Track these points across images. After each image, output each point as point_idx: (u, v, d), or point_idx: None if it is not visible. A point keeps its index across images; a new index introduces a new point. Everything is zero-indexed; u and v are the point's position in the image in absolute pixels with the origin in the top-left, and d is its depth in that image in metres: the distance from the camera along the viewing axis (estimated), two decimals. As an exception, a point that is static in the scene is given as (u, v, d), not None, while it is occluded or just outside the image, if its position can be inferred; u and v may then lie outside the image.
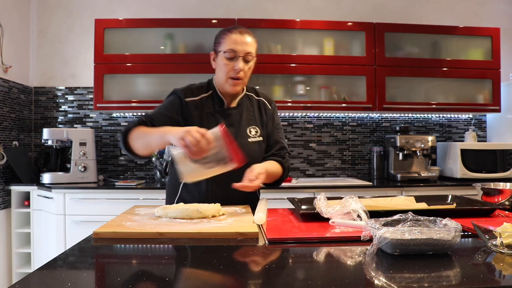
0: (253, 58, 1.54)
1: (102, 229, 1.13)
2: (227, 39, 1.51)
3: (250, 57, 1.52)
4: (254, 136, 1.59)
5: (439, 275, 0.80)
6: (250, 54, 1.52)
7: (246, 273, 0.85)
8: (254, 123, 1.62)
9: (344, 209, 1.21)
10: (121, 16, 3.29)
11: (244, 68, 1.52)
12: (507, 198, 1.54)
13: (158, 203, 2.56)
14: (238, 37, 1.50)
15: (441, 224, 0.97)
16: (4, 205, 2.90)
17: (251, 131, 1.60)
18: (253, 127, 1.61)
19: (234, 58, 1.50)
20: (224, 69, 1.52)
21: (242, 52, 1.50)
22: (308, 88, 3.18)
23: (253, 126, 1.61)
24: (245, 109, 1.62)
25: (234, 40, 1.50)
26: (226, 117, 1.57)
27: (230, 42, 1.50)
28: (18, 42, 3.18)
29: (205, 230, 1.13)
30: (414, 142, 3.10)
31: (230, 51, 1.50)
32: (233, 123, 1.57)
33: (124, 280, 0.79)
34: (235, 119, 1.58)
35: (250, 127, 1.61)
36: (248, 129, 1.60)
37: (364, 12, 3.48)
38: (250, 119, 1.61)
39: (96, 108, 3.04)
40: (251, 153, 1.54)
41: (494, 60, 3.24)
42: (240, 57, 1.50)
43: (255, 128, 1.61)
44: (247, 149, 1.52)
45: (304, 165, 3.47)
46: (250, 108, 1.63)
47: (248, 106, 1.63)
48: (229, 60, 1.51)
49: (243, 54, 1.50)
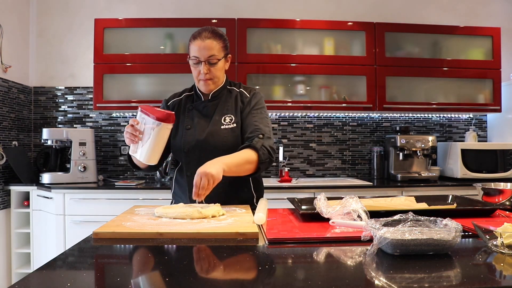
0: (217, 59, 1.61)
1: (102, 229, 1.13)
2: (191, 46, 1.62)
3: (214, 59, 1.61)
4: (228, 124, 1.65)
5: (439, 275, 0.79)
6: (213, 56, 1.60)
7: (246, 273, 0.84)
8: (230, 112, 1.68)
9: (344, 209, 1.20)
10: (120, 16, 3.29)
11: (210, 70, 1.62)
12: (507, 198, 1.54)
13: (158, 203, 2.56)
14: (199, 43, 1.59)
15: (441, 224, 0.97)
16: (3, 205, 2.90)
17: (226, 119, 1.66)
18: (228, 116, 1.66)
19: (199, 63, 1.61)
20: (194, 73, 1.66)
21: (203, 57, 1.59)
22: (308, 88, 3.18)
23: (228, 115, 1.67)
24: (222, 100, 1.70)
25: (196, 47, 1.60)
26: (201, 109, 1.69)
27: (193, 49, 1.61)
28: (18, 42, 3.18)
29: (205, 230, 1.13)
30: (415, 142, 3.10)
31: (194, 58, 1.61)
32: (207, 114, 1.67)
33: (124, 280, 0.79)
34: (210, 110, 1.68)
35: (226, 115, 1.67)
36: (223, 117, 1.66)
37: (364, 11, 3.47)
38: (226, 109, 1.68)
39: (95, 108, 3.04)
40: (222, 139, 1.61)
41: (495, 60, 3.23)
42: (202, 62, 1.60)
43: (230, 116, 1.66)
44: (217, 136, 1.61)
45: (304, 165, 3.47)
46: (228, 100, 1.71)
47: (226, 98, 1.71)
48: (196, 65, 1.63)
49: (204, 59, 1.60)
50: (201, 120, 1.66)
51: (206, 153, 1.57)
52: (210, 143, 1.60)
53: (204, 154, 1.57)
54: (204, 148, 1.61)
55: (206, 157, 1.47)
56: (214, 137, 1.60)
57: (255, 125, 1.61)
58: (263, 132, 1.60)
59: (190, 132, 1.65)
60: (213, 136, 1.61)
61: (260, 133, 1.59)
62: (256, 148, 1.52)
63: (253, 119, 1.63)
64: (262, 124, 1.62)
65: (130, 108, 3.07)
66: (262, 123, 1.63)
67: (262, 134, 1.58)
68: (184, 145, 1.64)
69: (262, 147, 1.53)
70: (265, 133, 1.60)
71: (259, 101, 1.69)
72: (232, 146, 1.59)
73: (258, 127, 1.61)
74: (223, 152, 1.52)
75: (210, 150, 1.58)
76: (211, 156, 1.47)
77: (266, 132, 1.61)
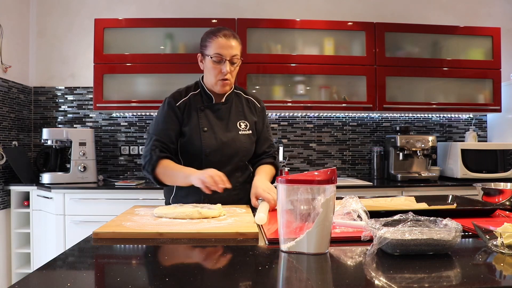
0: (238, 59, 1.62)
1: (102, 229, 1.13)
2: (213, 43, 1.57)
3: (236, 59, 1.60)
4: (244, 129, 1.68)
5: (439, 275, 0.79)
6: (236, 56, 1.60)
7: (246, 273, 0.84)
8: (243, 118, 1.70)
9: (344, 209, 1.20)
10: (120, 16, 3.29)
11: (231, 70, 1.60)
12: (507, 198, 1.53)
13: (158, 203, 2.56)
14: (224, 41, 1.56)
15: (441, 224, 0.97)
16: (3, 205, 2.90)
17: (241, 124, 1.69)
18: (242, 121, 1.70)
19: (221, 61, 1.58)
20: (213, 72, 1.61)
21: (228, 56, 1.57)
22: (308, 88, 3.18)
23: (242, 120, 1.70)
24: (234, 104, 1.71)
25: (220, 45, 1.56)
26: (215, 112, 1.67)
27: (216, 46, 1.56)
28: (18, 42, 3.18)
29: (205, 230, 1.13)
30: (415, 142, 3.10)
31: (217, 55, 1.57)
32: (222, 117, 1.67)
33: (124, 280, 0.79)
34: (225, 113, 1.68)
35: (240, 121, 1.70)
36: (238, 123, 1.69)
37: (365, 11, 3.47)
38: (239, 114, 1.70)
39: (95, 108, 3.04)
40: (242, 144, 1.66)
41: (495, 60, 3.23)
42: (226, 60, 1.57)
43: (244, 122, 1.70)
44: (238, 141, 1.65)
45: (304, 165, 3.47)
46: (238, 104, 1.72)
47: (236, 102, 1.72)
48: (217, 63, 1.58)
49: (229, 58, 1.58)
50: (217, 122, 1.65)
51: (227, 157, 1.63)
52: (232, 147, 1.64)
53: (225, 158, 1.63)
54: (225, 152, 1.63)
55: (227, 161, 1.61)
56: (236, 142, 1.64)
57: (270, 141, 1.79)
58: (276, 148, 1.81)
59: (208, 134, 1.62)
60: (234, 141, 1.64)
61: (275, 150, 1.79)
62: (277, 167, 1.76)
63: (267, 134, 1.78)
64: (271, 137, 1.82)
65: (130, 108, 3.07)
66: (271, 137, 1.82)
67: (276, 150, 1.80)
68: (205, 147, 1.61)
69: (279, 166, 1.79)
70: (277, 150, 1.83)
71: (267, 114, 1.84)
72: (249, 152, 1.70)
73: (272, 144, 1.79)
74: (241, 156, 1.66)
75: (230, 154, 1.64)
76: (231, 159, 1.62)
77: (276, 148, 1.83)
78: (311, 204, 0.92)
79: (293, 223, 0.94)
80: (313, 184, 0.92)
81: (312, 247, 0.92)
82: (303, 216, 0.92)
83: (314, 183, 0.92)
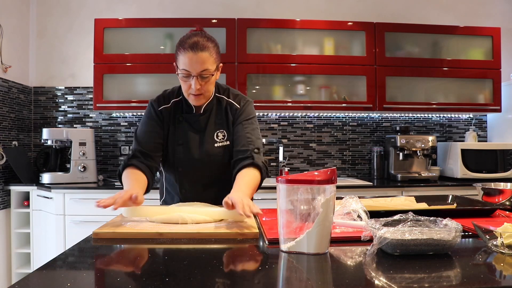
0: (210, 74, 1.47)
1: (101, 229, 1.13)
2: (181, 57, 1.45)
3: (207, 73, 1.46)
4: (222, 141, 1.58)
5: (439, 275, 0.79)
6: (206, 71, 1.46)
7: (246, 273, 0.84)
8: (222, 127, 1.59)
9: (344, 209, 1.20)
10: (120, 16, 3.29)
11: (201, 85, 1.47)
12: (507, 198, 1.53)
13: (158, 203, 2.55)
14: (190, 56, 1.43)
15: (441, 224, 0.96)
16: (3, 205, 2.90)
17: (219, 135, 1.58)
18: (220, 131, 1.58)
19: (189, 77, 1.46)
20: (184, 87, 1.51)
21: (195, 72, 1.44)
22: (308, 88, 3.18)
23: (220, 130, 1.58)
24: (213, 113, 1.59)
25: (187, 60, 1.43)
26: (193, 123, 1.57)
27: (183, 62, 1.44)
28: (18, 42, 3.18)
29: (205, 230, 1.13)
30: (415, 142, 3.10)
31: (184, 71, 1.45)
32: (199, 129, 1.58)
33: (124, 280, 0.79)
34: (202, 125, 1.57)
35: (218, 131, 1.58)
36: (216, 133, 1.58)
37: (365, 11, 3.47)
38: (218, 123, 1.59)
39: (95, 108, 3.04)
40: (216, 157, 1.56)
41: (495, 60, 3.23)
42: (194, 76, 1.45)
43: (222, 132, 1.58)
44: (212, 156, 1.56)
45: (304, 165, 3.47)
46: (219, 112, 1.60)
47: (217, 110, 1.61)
48: (186, 78, 1.47)
49: (196, 74, 1.45)
50: (193, 135, 1.57)
51: (200, 171, 1.58)
52: (204, 162, 1.56)
53: (198, 174, 1.58)
54: (197, 168, 1.57)
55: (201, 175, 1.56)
56: (210, 156, 1.55)
57: (248, 138, 1.54)
58: (257, 145, 1.54)
59: (182, 148, 1.56)
60: (208, 155, 1.55)
61: (255, 147, 1.53)
62: (259, 166, 1.49)
63: (245, 131, 1.56)
64: (254, 136, 1.56)
65: (130, 108, 3.07)
66: (254, 135, 1.56)
67: (257, 148, 1.53)
68: (177, 163, 1.57)
69: (263, 165, 1.51)
70: (259, 147, 1.55)
71: (250, 111, 1.61)
72: (225, 163, 1.57)
73: (250, 140, 1.54)
74: (216, 169, 1.58)
75: (204, 168, 1.57)
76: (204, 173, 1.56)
77: (259, 145, 1.56)
78: (311, 204, 0.92)
79: (293, 223, 0.94)
80: (313, 184, 0.91)
81: (312, 247, 0.92)
82: (303, 216, 0.92)
83: (314, 183, 0.91)
